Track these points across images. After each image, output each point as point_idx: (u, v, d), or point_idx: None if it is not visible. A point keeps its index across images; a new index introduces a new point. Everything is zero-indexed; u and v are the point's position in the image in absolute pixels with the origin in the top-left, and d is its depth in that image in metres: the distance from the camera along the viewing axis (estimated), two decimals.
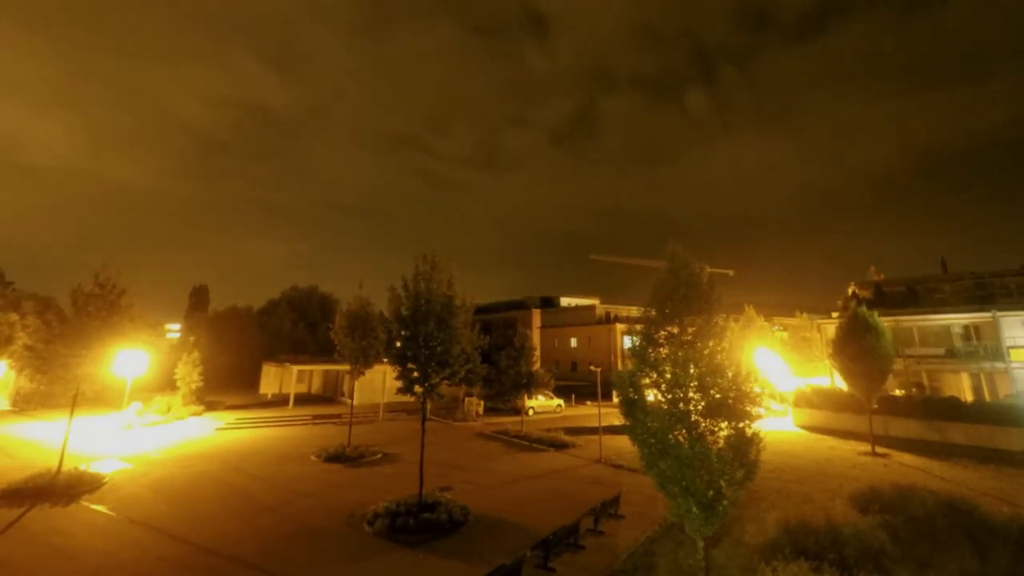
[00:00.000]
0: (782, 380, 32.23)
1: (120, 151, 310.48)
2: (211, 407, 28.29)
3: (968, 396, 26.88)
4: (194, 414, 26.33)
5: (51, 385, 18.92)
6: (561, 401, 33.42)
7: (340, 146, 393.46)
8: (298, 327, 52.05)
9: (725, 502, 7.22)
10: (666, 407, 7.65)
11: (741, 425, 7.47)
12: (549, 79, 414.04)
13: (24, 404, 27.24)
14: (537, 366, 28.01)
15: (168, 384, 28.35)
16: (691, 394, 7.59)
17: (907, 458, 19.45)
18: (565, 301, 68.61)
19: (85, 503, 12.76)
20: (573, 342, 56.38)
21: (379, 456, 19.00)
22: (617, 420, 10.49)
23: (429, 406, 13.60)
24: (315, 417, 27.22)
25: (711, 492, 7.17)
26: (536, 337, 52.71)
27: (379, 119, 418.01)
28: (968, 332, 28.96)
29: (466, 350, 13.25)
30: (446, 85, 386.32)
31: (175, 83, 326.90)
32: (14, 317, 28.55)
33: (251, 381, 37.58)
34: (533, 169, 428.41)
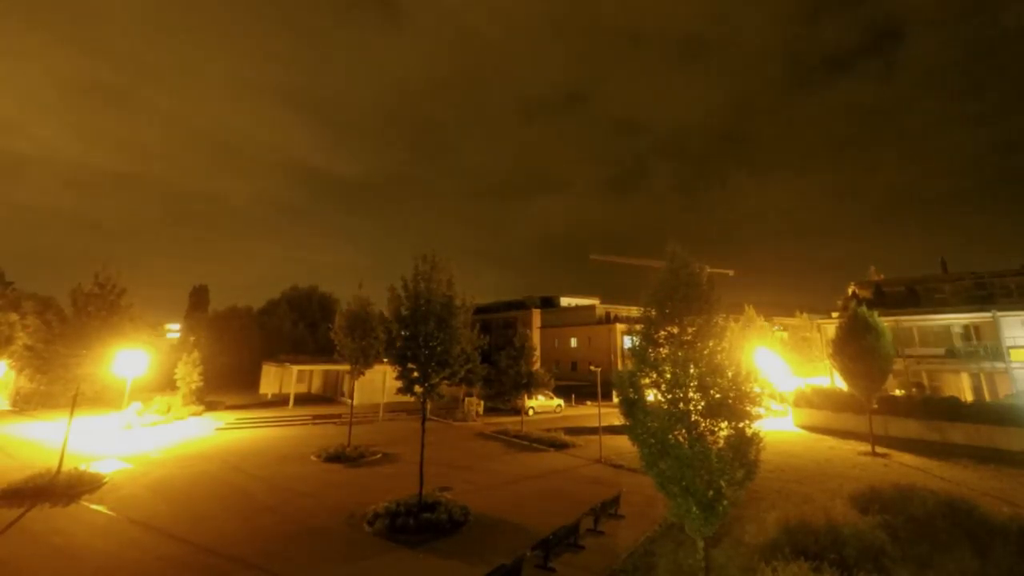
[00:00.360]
0: (782, 380, 32.22)
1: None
2: (211, 407, 28.30)
3: (968, 396, 26.87)
4: (194, 414, 26.34)
5: (51, 385, 18.90)
6: (561, 401, 33.43)
7: (435, 194, 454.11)
8: (298, 327, 52.10)
9: (725, 502, 7.22)
10: (666, 407, 7.65)
11: (741, 425, 7.47)
12: (622, 154, 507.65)
13: (24, 404, 27.25)
14: (537, 366, 28.00)
15: (168, 384, 28.35)
16: (691, 394, 7.59)
17: (907, 458, 19.44)
18: (565, 301, 68.62)
19: (85, 503, 12.76)
20: (573, 342, 56.37)
21: (379, 456, 19.00)
22: (617, 420, 10.49)
23: (429, 406, 13.60)
24: (315, 417, 27.23)
25: (711, 492, 7.17)
26: (536, 337, 52.69)
27: (481, 179, 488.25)
28: (968, 332, 28.95)
29: (466, 350, 13.24)
30: (543, 155, 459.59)
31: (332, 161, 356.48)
32: (14, 317, 28.55)
33: (251, 381, 37.59)
34: (580, 201, 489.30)
